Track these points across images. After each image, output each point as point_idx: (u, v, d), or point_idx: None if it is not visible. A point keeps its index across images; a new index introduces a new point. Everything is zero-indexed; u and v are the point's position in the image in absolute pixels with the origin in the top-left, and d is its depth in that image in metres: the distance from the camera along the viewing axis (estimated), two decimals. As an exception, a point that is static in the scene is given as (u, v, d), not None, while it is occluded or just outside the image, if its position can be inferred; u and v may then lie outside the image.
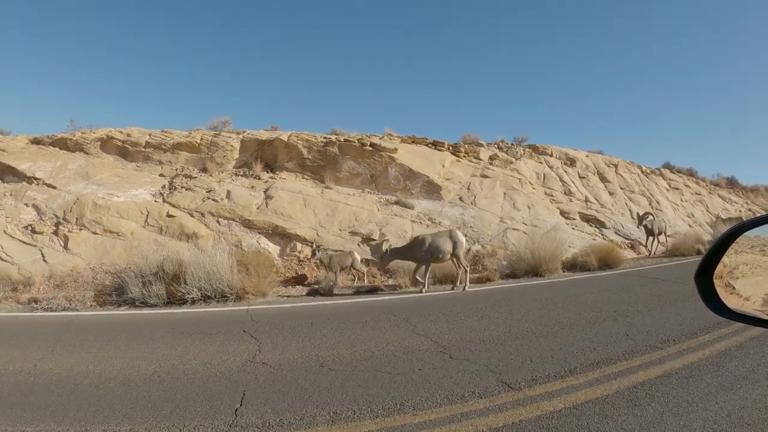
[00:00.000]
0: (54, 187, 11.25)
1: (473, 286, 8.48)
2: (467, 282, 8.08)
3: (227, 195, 11.80)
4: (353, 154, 14.04)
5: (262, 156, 14.28)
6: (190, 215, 11.11)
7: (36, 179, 11.41)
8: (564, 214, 14.91)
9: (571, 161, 18.54)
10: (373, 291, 8.27)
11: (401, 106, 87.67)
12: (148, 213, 10.80)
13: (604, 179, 18.47)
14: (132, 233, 10.18)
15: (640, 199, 18.25)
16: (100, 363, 4.15)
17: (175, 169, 13.15)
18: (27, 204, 10.65)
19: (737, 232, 1.28)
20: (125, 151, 13.35)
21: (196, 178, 12.68)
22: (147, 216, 10.74)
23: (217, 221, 11.14)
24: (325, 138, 14.56)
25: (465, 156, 16.51)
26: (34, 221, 10.18)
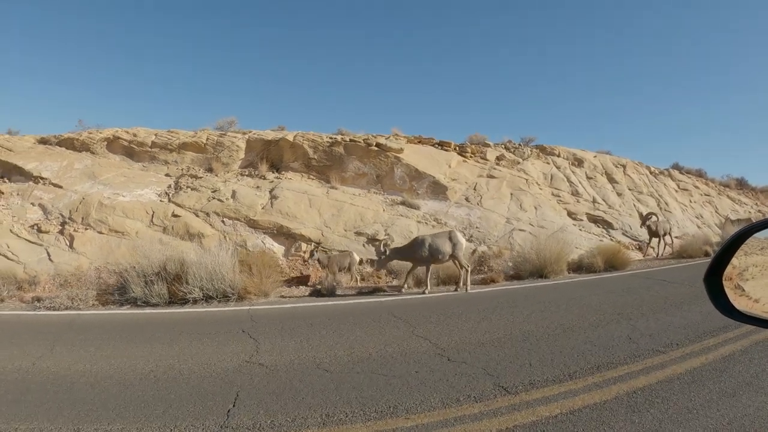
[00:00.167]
0: (60, 187, 11.37)
1: (477, 287, 8.41)
2: (469, 283, 8.00)
3: (232, 195, 11.83)
4: (359, 154, 14.01)
5: (267, 156, 14.30)
6: (195, 215, 11.15)
7: (42, 179, 11.56)
8: (571, 214, 14.75)
9: (579, 162, 18.35)
10: (376, 291, 8.23)
11: (409, 106, 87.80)
12: (153, 213, 10.86)
13: (612, 180, 18.25)
14: (137, 233, 10.23)
15: (648, 200, 18.00)
16: (97, 362, 4.16)
17: (181, 169, 13.22)
18: (33, 203, 10.77)
19: (747, 233, 1.28)
20: (131, 151, 13.46)
21: (201, 178, 12.73)
22: (152, 216, 10.80)
23: (222, 221, 11.17)
24: (331, 138, 14.54)
25: (471, 156, 16.41)
26: (40, 220, 10.29)
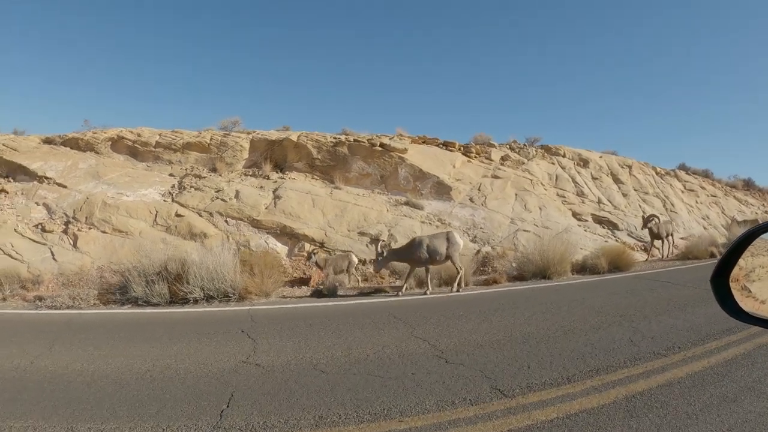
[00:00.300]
0: (64, 187, 11.45)
1: (479, 288, 8.37)
2: (462, 284, 7.93)
3: (236, 195, 11.85)
4: (363, 154, 13.98)
5: (271, 156, 14.31)
6: (198, 215, 11.18)
7: (47, 178, 11.64)
8: (576, 215, 14.63)
9: (584, 162, 18.22)
10: (378, 292, 8.20)
11: (414, 106, 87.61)
12: (156, 212, 10.90)
13: (617, 180, 18.10)
14: (140, 232, 10.28)
15: (654, 201, 17.83)
16: (95, 361, 4.17)
17: (185, 169, 13.27)
18: (38, 203, 10.86)
19: (754, 234, 1.27)
20: (135, 151, 13.54)
21: (205, 178, 12.77)
22: (156, 215, 10.85)
23: (226, 221, 11.19)
24: (335, 138, 14.53)
25: (476, 156, 16.34)
26: (44, 220, 10.37)
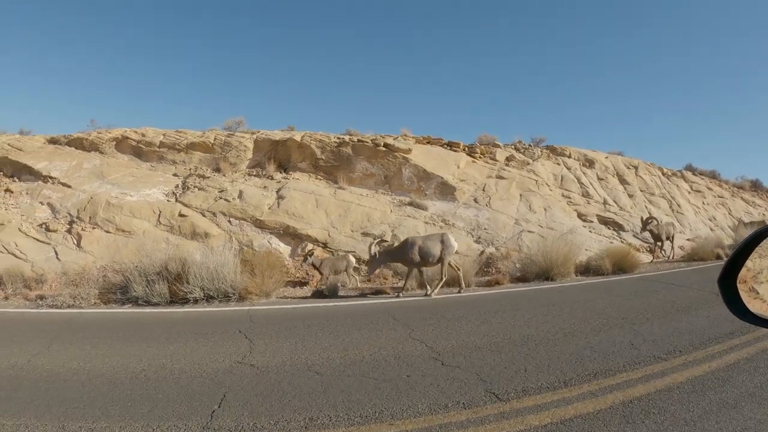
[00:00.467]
0: (69, 186, 11.56)
1: (481, 289, 8.32)
2: (437, 289, 7.67)
3: (239, 195, 11.88)
4: (367, 154, 13.96)
5: (275, 156, 14.34)
6: (201, 215, 11.22)
7: (51, 178, 11.76)
8: (581, 216, 14.51)
9: (590, 163, 18.07)
10: (379, 293, 8.17)
11: (419, 106, 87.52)
12: (160, 212, 10.96)
13: (623, 181, 17.93)
14: (144, 232, 10.33)
15: (660, 202, 17.64)
16: (91, 360, 4.18)
17: (189, 169, 13.33)
18: (42, 202, 10.97)
19: (761, 235, 1.26)
20: (140, 151, 13.63)
21: (209, 177, 12.82)
22: (159, 215, 10.90)
23: (229, 221, 11.22)
24: (339, 138, 14.52)
25: (481, 157, 16.26)
26: (48, 219, 10.47)
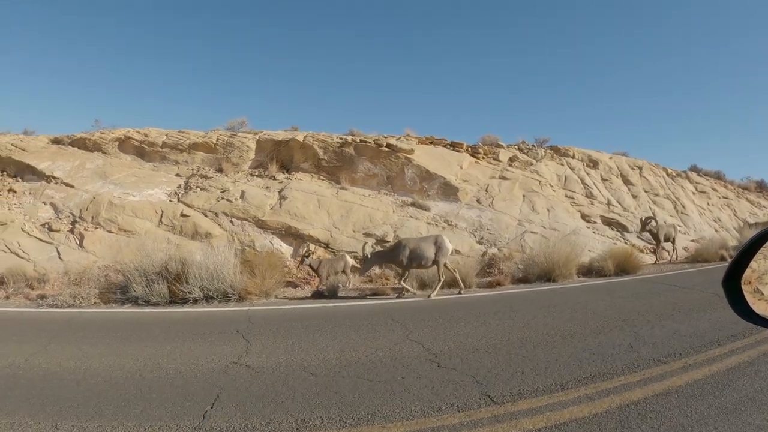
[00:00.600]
0: (72, 186, 11.61)
1: (482, 290, 8.28)
2: (437, 290, 7.65)
3: (241, 195, 11.87)
4: (369, 154, 13.93)
5: (278, 156, 14.34)
6: (203, 215, 11.24)
7: (54, 178, 11.82)
8: (585, 217, 14.41)
9: (594, 163, 17.95)
10: (379, 294, 8.14)
11: (424, 106, 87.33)
12: (162, 212, 10.98)
13: (627, 182, 17.79)
14: (146, 232, 10.34)
15: (664, 203, 17.50)
16: (88, 360, 4.18)
17: (191, 169, 13.36)
18: (45, 202, 11.03)
19: (766, 236, 1.25)
20: (142, 151, 13.68)
21: (211, 178, 12.84)
22: (161, 215, 10.93)
23: (231, 221, 11.22)
24: (341, 138, 14.50)
25: (484, 157, 16.18)
26: (51, 219, 10.52)
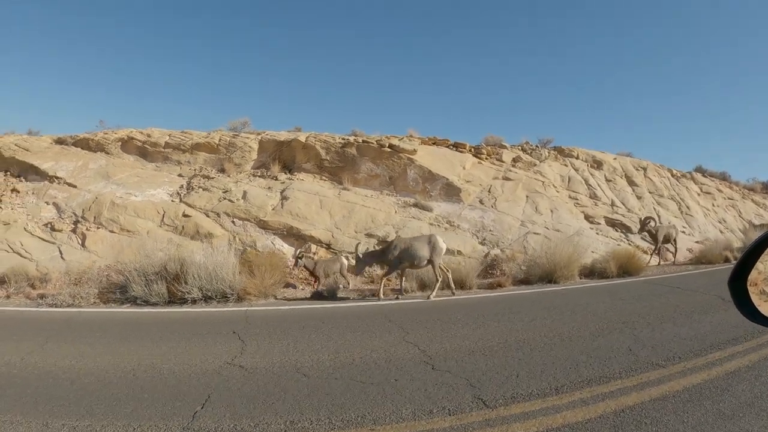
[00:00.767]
0: (74, 186, 11.68)
1: (483, 292, 8.21)
2: (436, 291, 7.60)
3: (243, 195, 11.88)
4: (372, 155, 13.89)
5: (280, 157, 14.34)
6: (205, 215, 11.25)
7: (57, 178, 11.90)
8: (588, 218, 14.29)
9: (598, 164, 17.82)
10: (379, 295, 8.08)
11: (427, 107, 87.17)
12: (164, 213, 11.01)
13: (632, 183, 17.64)
14: (148, 232, 10.38)
15: (669, 204, 17.33)
16: (83, 359, 4.19)
17: (194, 170, 13.39)
18: (48, 202, 11.10)
19: None
20: (145, 152, 13.75)
21: (213, 178, 12.86)
22: (163, 215, 10.96)
23: (233, 222, 11.23)
24: (343, 139, 14.47)
25: (487, 158, 16.11)
26: (53, 219, 10.60)
